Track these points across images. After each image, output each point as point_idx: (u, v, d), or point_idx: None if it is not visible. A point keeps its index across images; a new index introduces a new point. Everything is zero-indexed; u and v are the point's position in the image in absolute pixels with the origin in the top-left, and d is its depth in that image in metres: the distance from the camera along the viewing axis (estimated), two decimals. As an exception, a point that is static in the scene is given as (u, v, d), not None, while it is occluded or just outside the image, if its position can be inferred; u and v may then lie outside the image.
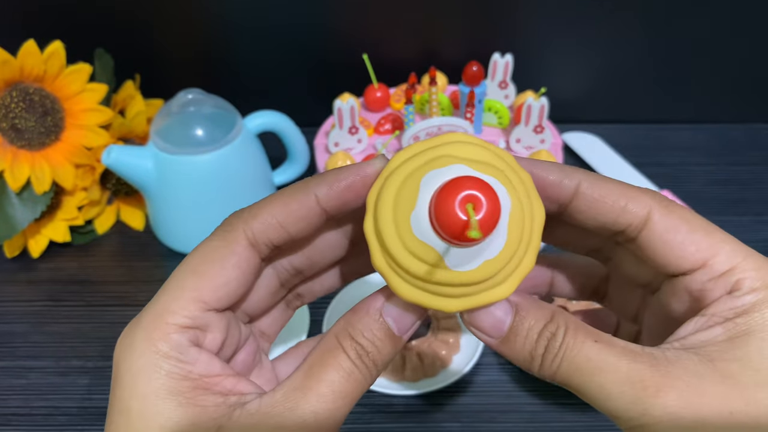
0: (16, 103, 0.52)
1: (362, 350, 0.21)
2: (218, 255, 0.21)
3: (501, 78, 0.61)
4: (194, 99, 0.52)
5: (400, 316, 0.21)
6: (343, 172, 0.22)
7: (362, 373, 0.21)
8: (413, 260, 0.20)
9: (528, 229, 0.20)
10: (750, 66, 0.69)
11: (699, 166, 0.66)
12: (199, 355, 0.20)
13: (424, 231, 0.20)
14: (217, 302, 0.21)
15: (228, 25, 0.67)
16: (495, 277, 0.20)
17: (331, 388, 0.20)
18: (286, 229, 0.22)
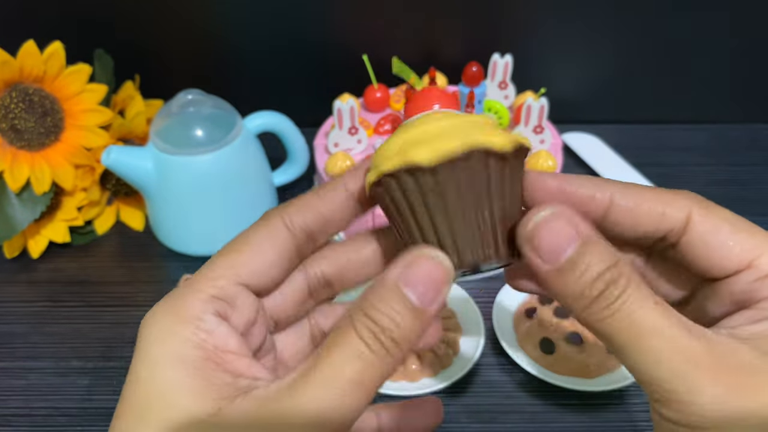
0: (16, 104, 0.52)
1: (376, 327, 0.18)
2: (255, 234, 0.22)
3: (501, 78, 0.61)
4: (194, 99, 0.52)
5: (421, 285, 0.18)
6: (368, 160, 0.23)
7: (378, 355, 0.18)
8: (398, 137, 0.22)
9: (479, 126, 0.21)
10: (750, 66, 0.69)
11: (699, 167, 0.66)
12: (219, 326, 0.20)
13: None
14: (251, 276, 0.21)
15: (228, 25, 0.67)
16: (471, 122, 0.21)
17: (340, 373, 0.18)
18: (320, 211, 0.22)
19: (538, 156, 0.53)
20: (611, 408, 0.43)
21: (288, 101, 0.63)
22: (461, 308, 0.48)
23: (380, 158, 0.21)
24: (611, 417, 0.42)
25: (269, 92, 0.71)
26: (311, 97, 0.65)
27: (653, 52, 0.68)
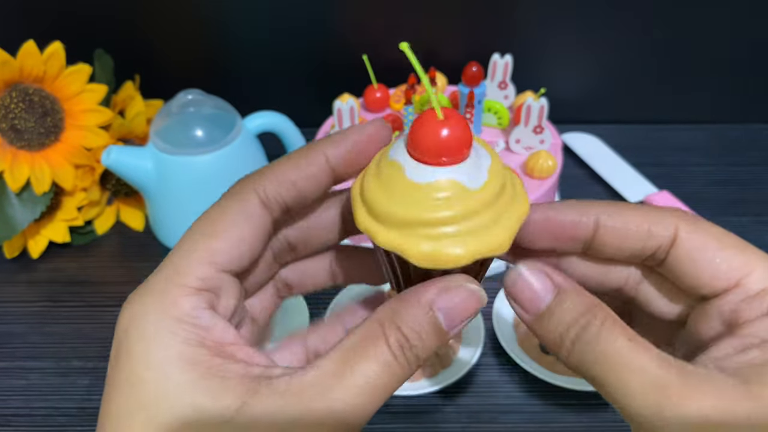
0: (16, 104, 0.52)
1: (406, 342, 0.19)
2: (230, 214, 0.21)
3: (500, 78, 0.61)
4: (194, 99, 0.52)
5: (451, 311, 0.20)
6: (348, 131, 0.22)
7: (401, 367, 0.19)
8: (399, 201, 0.20)
9: (509, 194, 0.21)
10: (750, 66, 0.69)
11: (698, 167, 0.66)
12: (214, 319, 0.19)
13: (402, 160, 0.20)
14: (231, 262, 0.20)
15: (228, 25, 0.67)
16: (480, 219, 0.20)
17: (367, 379, 0.19)
18: (296, 186, 0.21)
19: (538, 156, 0.53)
20: (611, 408, 0.43)
21: (288, 101, 0.63)
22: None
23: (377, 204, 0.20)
24: (611, 417, 0.42)
25: (269, 92, 0.71)
26: (311, 97, 0.65)
27: (653, 52, 0.68)
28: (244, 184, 0.21)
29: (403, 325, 0.19)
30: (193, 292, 0.19)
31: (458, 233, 0.19)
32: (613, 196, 0.62)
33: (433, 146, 0.19)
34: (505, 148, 0.57)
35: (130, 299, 0.20)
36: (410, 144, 0.20)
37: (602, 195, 0.62)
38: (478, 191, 0.20)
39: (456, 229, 0.19)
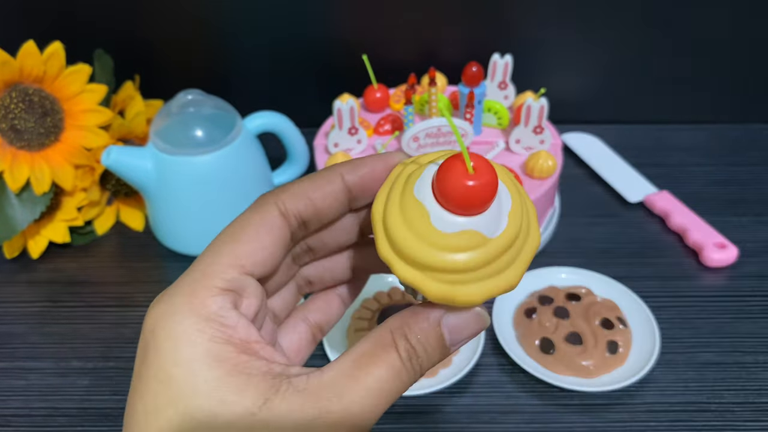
0: (16, 104, 0.52)
1: (414, 353, 0.21)
2: (253, 223, 0.22)
3: (500, 79, 0.61)
4: (194, 100, 0.52)
5: (456, 329, 0.22)
6: (368, 158, 0.24)
7: (408, 374, 0.21)
8: (421, 246, 0.20)
9: (524, 233, 0.22)
10: (749, 66, 0.69)
11: (698, 167, 0.66)
12: (239, 319, 0.20)
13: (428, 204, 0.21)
14: (254, 266, 0.22)
15: (228, 25, 0.67)
16: (496, 264, 0.21)
17: (379, 383, 0.20)
18: (314, 203, 0.23)
19: (538, 156, 0.53)
20: (611, 408, 0.43)
21: (288, 101, 0.63)
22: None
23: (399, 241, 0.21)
24: (611, 417, 0.42)
25: (269, 92, 0.71)
26: (311, 98, 0.65)
27: (653, 52, 0.68)
28: (265, 198, 0.23)
29: (412, 337, 0.21)
30: (220, 293, 0.20)
31: (474, 278, 0.21)
32: (612, 195, 0.62)
33: (461, 201, 0.20)
34: (505, 148, 0.57)
35: (158, 300, 0.21)
36: (438, 191, 0.20)
37: (602, 195, 0.62)
38: (497, 239, 0.21)
39: (473, 275, 0.21)
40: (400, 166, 0.23)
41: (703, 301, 0.51)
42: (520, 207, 0.22)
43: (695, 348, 0.47)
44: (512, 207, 0.21)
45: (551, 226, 0.57)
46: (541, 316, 0.47)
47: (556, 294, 0.49)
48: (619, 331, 0.46)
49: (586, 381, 0.44)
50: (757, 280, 0.52)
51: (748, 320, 0.49)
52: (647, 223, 0.59)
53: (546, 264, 0.53)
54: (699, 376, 0.45)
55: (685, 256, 0.55)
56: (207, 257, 0.21)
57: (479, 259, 0.20)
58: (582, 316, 0.47)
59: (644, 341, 0.46)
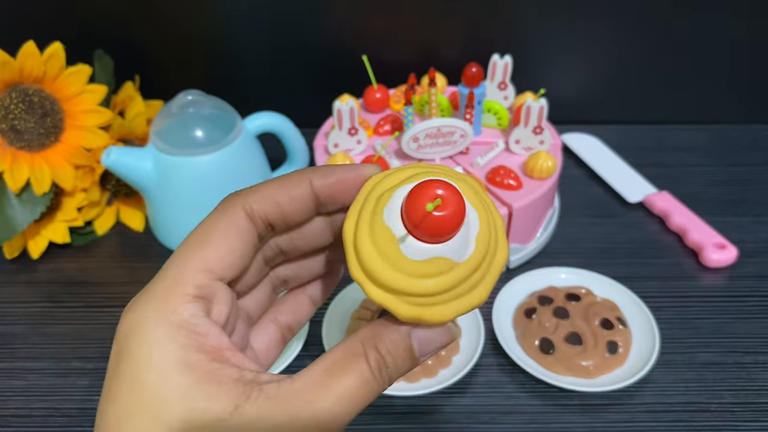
0: (16, 104, 0.52)
1: (383, 364, 0.22)
2: (220, 227, 0.22)
3: (500, 79, 0.61)
4: (194, 100, 0.52)
5: (425, 341, 0.22)
6: (339, 167, 0.23)
7: (377, 384, 0.22)
8: (391, 272, 0.21)
9: (491, 253, 0.22)
10: (750, 66, 0.69)
11: (699, 167, 0.66)
12: (211, 326, 0.21)
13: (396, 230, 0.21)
14: (223, 271, 0.22)
15: (228, 26, 0.67)
16: (465, 285, 0.22)
17: (349, 391, 0.21)
18: (281, 206, 0.23)
19: (538, 156, 0.53)
20: (611, 408, 0.43)
21: (288, 102, 0.63)
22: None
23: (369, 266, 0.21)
24: (611, 417, 0.42)
25: (269, 93, 0.71)
26: (311, 98, 0.65)
27: (653, 53, 0.68)
28: (232, 199, 0.23)
29: (382, 348, 0.22)
30: (191, 300, 0.20)
31: (443, 300, 0.22)
32: (612, 196, 0.62)
33: (428, 231, 0.20)
34: (504, 148, 0.57)
35: (131, 306, 0.21)
36: (405, 220, 0.21)
37: (602, 195, 0.62)
38: (465, 263, 0.21)
39: (442, 298, 0.21)
40: (373, 179, 0.23)
41: (703, 301, 0.51)
42: (488, 228, 0.22)
43: (695, 348, 0.47)
44: (480, 230, 0.22)
45: (551, 226, 0.57)
46: (540, 316, 0.47)
47: (556, 294, 0.49)
48: (618, 331, 0.46)
49: (586, 381, 0.44)
50: (756, 281, 0.52)
51: (747, 320, 0.49)
52: (647, 223, 0.59)
53: (546, 264, 0.53)
54: (699, 377, 0.45)
55: (685, 256, 0.55)
56: (176, 263, 0.21)
57: (447, 283, 0.21)
58: (582, 316, 0.47)
59: (644, 341, 0.46)
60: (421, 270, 0.21)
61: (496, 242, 0.22)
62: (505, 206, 0.51)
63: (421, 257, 0.21)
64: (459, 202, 0.20)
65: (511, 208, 0.51)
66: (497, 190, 0.52)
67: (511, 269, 0.54)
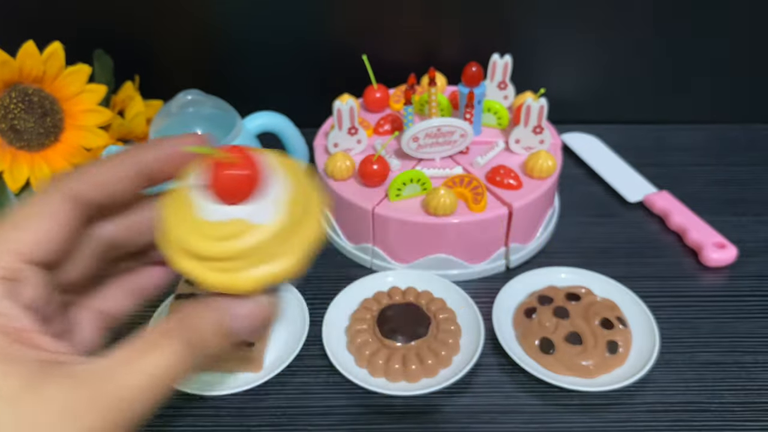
0: (15, 104, 0.52)
1: (198, 341, 0.22)
2: (35, 208, 0.22)
3: (500, 79, 0.61)
4: (193, 100, 0.52)
5: (239, 318, 0.23)
6: (165, 140, 0.25)
7: (190, 362, 0.22)
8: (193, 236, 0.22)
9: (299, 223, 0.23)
10: (749, 66, 0.69)
11: (698, 167, 0.66)
12: (13, 308, 0.21)
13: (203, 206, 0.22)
14: (33, 253, 0.22)
15: (227, 25, 0.67)
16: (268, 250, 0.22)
17: (157, 370, 0.21)
18: (106, 186, 0.23)
19: (538, 156, 0.53)
20: (611, 408, 0.43)
21: (288, 101, 0.63)
22: (461, 309, 0.48)
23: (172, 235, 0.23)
24: (611, 417, 0.42)
25: (269, 92, 0.71)
26: (311, 98, 0.65)
27: (653, 52, 0.68)
28: (52, 182, 0.23)
29: (195, 325, 0.22)
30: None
31: (248, 265, 0.22)
32: (612, 195, 0.62)
33: (222, 188, 0.22)
34: (504, 148, 0.57)
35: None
36: (205, 180, 0.22)
37: (601, 195, 0.62)
38: (267, 226, 0.22)
39: (245, 262, 0.22)
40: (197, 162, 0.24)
41: (703, 300, 0.51)
42: (298, 198, 0.23)
43: (695, 348, 0.47)
44: (289, 197, 0.23)
45: (551, 226, 0.57)
46: (540, 315, 0.47)
47: (556, 294, 0.49)
48: (618, 331, 0.46)
49: (586, 381, 0.44)
50: (756, 280, 0.52)
51: (747, 320, 0.49)
52: (647, 223, 0.59)
53: (546, 264, 0.53)
54: (698, 376, 0.45)
55: (685, 255, 0.55)
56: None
57: (248, 244, 0.22)
58: (582, 316, 0.47)
59: (644, 341, 0.46)
60: (222, 231, 0.22)
61: (307, 215, 0.23)
62: (505, 206, 0.51)
63: (221, 218, 0.22)
64: (253, 165, 0.22)
65: (511, 208, 0.51)
66: (497, 190, 0.52)
67: (511, 269, 0.54)
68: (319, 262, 0.59)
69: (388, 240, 0.52)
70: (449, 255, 0.51)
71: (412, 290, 0.50)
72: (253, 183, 0.22)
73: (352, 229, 0.54)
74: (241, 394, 0.44)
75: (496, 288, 0.50)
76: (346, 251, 0.56)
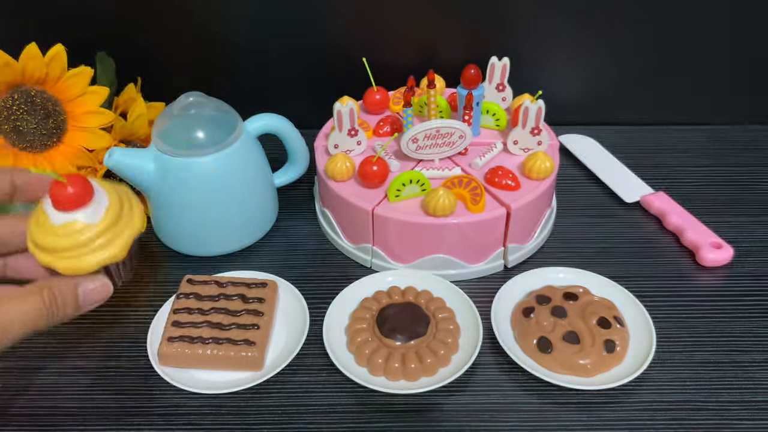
0: (18, 106, 0.53)
1: (54, 301, 0.34)
2: None
3: (498, 81, 0.61)
4: (195, 101, 0.53)
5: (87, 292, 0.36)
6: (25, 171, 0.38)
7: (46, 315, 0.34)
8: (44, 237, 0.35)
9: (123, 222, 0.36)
10: (748, 67, 0.69)
11: (695, 168, 0.66)
12: None
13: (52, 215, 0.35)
14: None
15: (229, 28, 0.67)
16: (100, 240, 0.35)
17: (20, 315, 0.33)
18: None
19: (536, 157, 0.53)
20: (609, 406, 0.43)
21: (288, 103, 0.64)
22: (459, 308, 0.49)
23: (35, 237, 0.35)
24: (609, 416, 0.43)
25: (270, 94, 0.71)
26: (311, 99, 0.65)
27: (650, 54, 0.69)
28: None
29: (54, 289, 0.34)
30: None
31: (86, 252, 0.35)
32: (609, 196, 0.63)
33: (59, 203, 0.34)
34: (503, 149, 0.57)
35: None
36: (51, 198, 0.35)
37: (599, 195, 0.63)
38: (97, 224, 0.35)
39: (85, 250, 0.35)
40: None
41: (699, 300, 0.51)
42: (118, 205, 0.36)
43: (691, 347, 0.47)
44: (109, 203, 0.36)
45: (549, 226, 0.58)
46: (538, 315, 0.47)
47: (554, 293, 0.49)
48: (616, 330, 0.46)
49: (584, 380, 0.44)
50: (752, 280, 0.53)
51: (743, 319, 0.49)
52: (644, 223, 0.60)
53: (544, 264, 0.53)
54: (695, 375, 0.45)
55: (681, 256, 0.56)
56: None
57: (82, 236, 0.35)
58: (579, 315, 0.47)
59: (641, 340, 0.46)
60: (63, 231, 0.35)
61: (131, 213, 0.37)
62: (504, 206, 0.51)
63: (62, 221, 0.35)
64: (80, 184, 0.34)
65: (509, 208, 0.51)
66: (495, 191, 0.53)
67: (509, 268, 0.55)
68: (319, 262, 0.60)
69: (388, 240, 0.53)
70: (448, 255, 0.52)
71: (412, 290, 0.50)
72: (81, 196, 0.34)
73: (352, 229, 0.55)
74: (242, 392, 0.44)
75: (495, 288, 0.50)
76: (346, 251, 0.56)
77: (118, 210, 0.36)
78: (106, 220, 0.35)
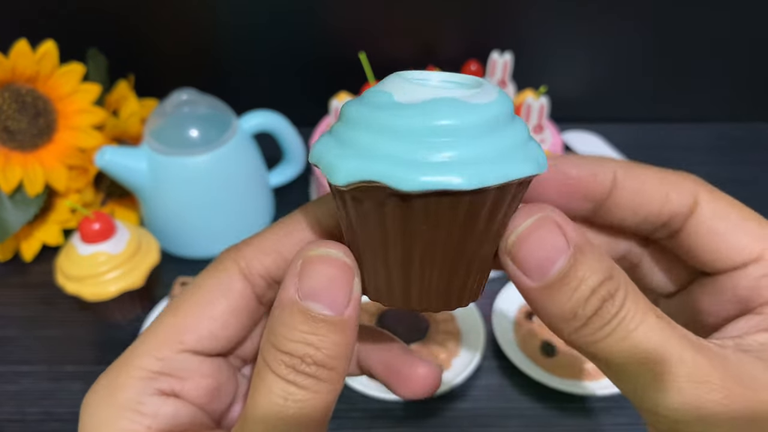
0: (8, 104, 0.51)
1: (293, 359, 0.16)
2: (205, 289, 0.19)
3: (500, 77, 0.60)
4: (188, 99, 0.52)
5: (325, 292, 0.16)
6: None
7: (309, 389, 0.16)
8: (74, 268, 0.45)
9: (141, 254, 0.46)
10: (751, 64, 0.69)
11: (700, 166, 0.65)
12: (163, 406, 0.18)
13: None
14: (199, 342, 0.19)
15: (223, 24, 0.66)
16: (126, 267, 0.44)
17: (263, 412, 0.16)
18: (282, 254, 0.19)
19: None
20: (613, 411, 0.42)
21: (284, 100, 0.63)
22: (461, 312, 0.48)
23: None
24: (613, 420, 0.42)
25: (265, 91, 0.70)
26: (307, 96, 0.64)
27: (654, 51, 0.68)
28: (224, 256, 0.19)
29: (281, 342, 0.16)
30: (145, 375, 0.18)
31: (109, 280, 0.44)
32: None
33: (87, 234, 0.43)
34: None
35: (94, 384, 0.19)
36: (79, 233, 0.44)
37: (603, 194, 0.62)
38: (118, 255, 0.44)
39: (108, 277, 0.44)
40: None
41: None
42: (136, 239, 0.45)
43: (698, 350, 0.46)
44: (129, 238, 0.45)
45: (551, 226, 0.57)
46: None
47: (557, 295, 0.48)
48: (620, 333, 0.45)
49: (588, 384, 0.43)
50: (759, 281, 0.52)
51: (751, 321, 0.48)
52: (648, 222, 0.59)
53: (546, 265, 0.52)
54: (702, 379, 0.44)
55: (687, 256, 0.55)
56: (147, 332, 0.19)
57: (108, 265, 0.44)
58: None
59: (646, 343, 0.45)
60: (89, 261, 0.43)
61: (146, 248, 0.46)
62: (505, 206, 0.50)
63: (88, 253, 0.43)
64: (103, 221, 0.43)
65: (511, 208, 0.50)
66: (497, 190, 0.52)
67: (511, 270, 0.54)
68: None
69: (387, 241, 0.52)
70: (448, 256, 0.51)
71: (411, 292, 0.49)
72: (106, 231, 0.43)
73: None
74: (237, 398, 0.43)
75: (497, 290, 0.49)
76: (344, 252, 0.55)
77: (137, 244, 0.44)
78: (127, 252, 0.44)
